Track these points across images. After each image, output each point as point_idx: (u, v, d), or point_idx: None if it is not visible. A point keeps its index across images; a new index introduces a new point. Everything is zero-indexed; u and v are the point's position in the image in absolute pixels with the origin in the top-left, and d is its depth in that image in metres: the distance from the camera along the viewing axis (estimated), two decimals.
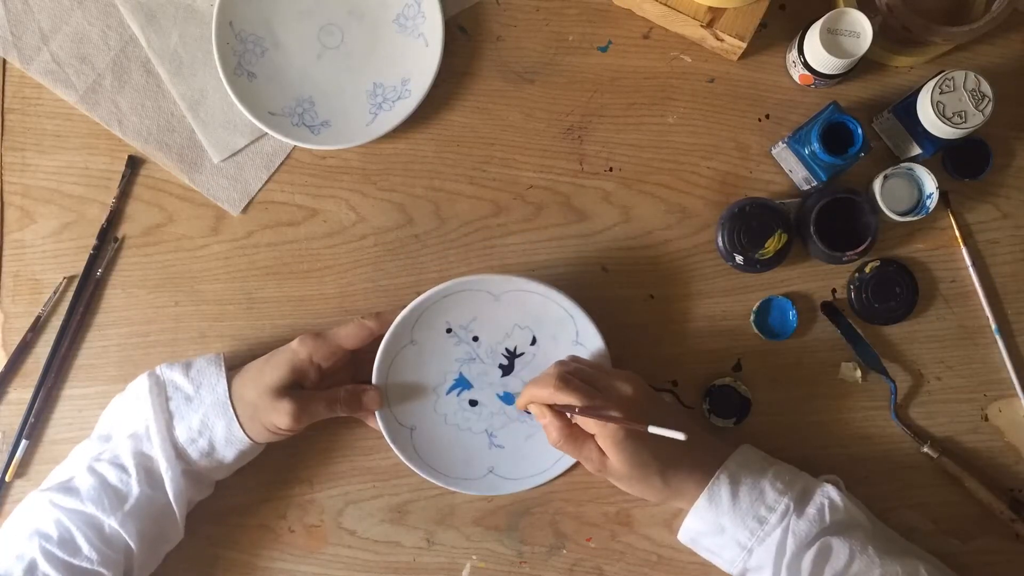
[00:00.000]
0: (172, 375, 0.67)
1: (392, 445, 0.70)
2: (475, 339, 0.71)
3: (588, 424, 0.62)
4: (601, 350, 0.70)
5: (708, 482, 0.64)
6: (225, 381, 0.66)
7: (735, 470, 0.65)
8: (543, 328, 0.71)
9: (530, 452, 0.72)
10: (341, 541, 0.73)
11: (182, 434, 0.65)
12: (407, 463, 0.70)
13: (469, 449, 0.72)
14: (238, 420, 0.65)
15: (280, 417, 0.64)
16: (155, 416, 0.65)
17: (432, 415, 0.71)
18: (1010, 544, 0.72)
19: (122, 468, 0.64)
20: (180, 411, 0.65)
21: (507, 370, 0.72)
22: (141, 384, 0.66)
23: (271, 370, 0.66)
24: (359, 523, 0.73)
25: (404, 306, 0.68)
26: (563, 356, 0.69)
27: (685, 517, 0.66)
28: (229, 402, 0.65)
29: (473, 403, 0.72)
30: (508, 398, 0.72)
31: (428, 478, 0.71)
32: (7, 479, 0.72)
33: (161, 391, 0.66)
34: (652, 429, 0.60)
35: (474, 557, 0.73)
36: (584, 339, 0.70)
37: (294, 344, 0.67)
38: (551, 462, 0.71)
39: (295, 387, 0.66)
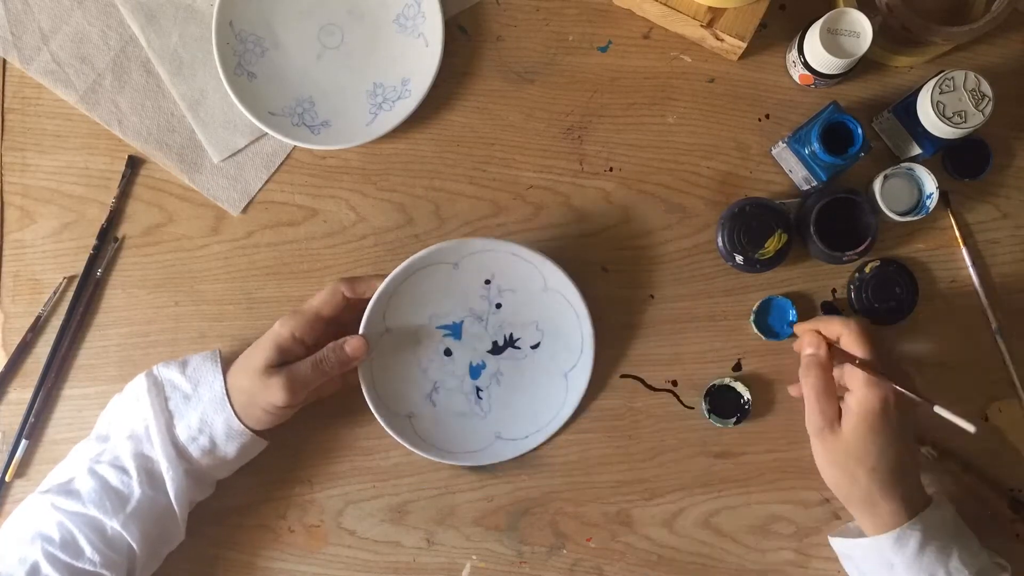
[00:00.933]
0: (169, 374, 0.67)
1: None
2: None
3: (855, 379, 0.62)
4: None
5: (902, 520, 0.63)
6: (222, 377, 0.66)
7: (928, 527, 0.63)
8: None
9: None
10: (341, 541, 0.73)
11: (182, 433, 0.65)
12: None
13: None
14: (235, 413, 0.65)
15: (275, 393, 0.64)
16: (155, 416, 0.65)
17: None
18: (1010, 544, 0.72)
19: (123, 470, 0.64)
20: (179, 410, 0.65)
21: (497, 349, 0.72)
22: (139, 384, 0.66)
23: (258, 353, 0.66)
24: (359, 523, 0.73)
25: (383, 275, 0.67)
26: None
27: (854, 527, 0.67)
28: (226, 396, 0.65)
29: (462, 374, 0.72)
30: (476, 371, 0.72)
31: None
32: (7, 479, 0.72)
33: (159, 391, 0.66)
34: (938, 409, 0.60)
35: (474, 557, 0.73)
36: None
37: (275, 325, 0.67)
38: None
39: (284, 366, 0.66)
